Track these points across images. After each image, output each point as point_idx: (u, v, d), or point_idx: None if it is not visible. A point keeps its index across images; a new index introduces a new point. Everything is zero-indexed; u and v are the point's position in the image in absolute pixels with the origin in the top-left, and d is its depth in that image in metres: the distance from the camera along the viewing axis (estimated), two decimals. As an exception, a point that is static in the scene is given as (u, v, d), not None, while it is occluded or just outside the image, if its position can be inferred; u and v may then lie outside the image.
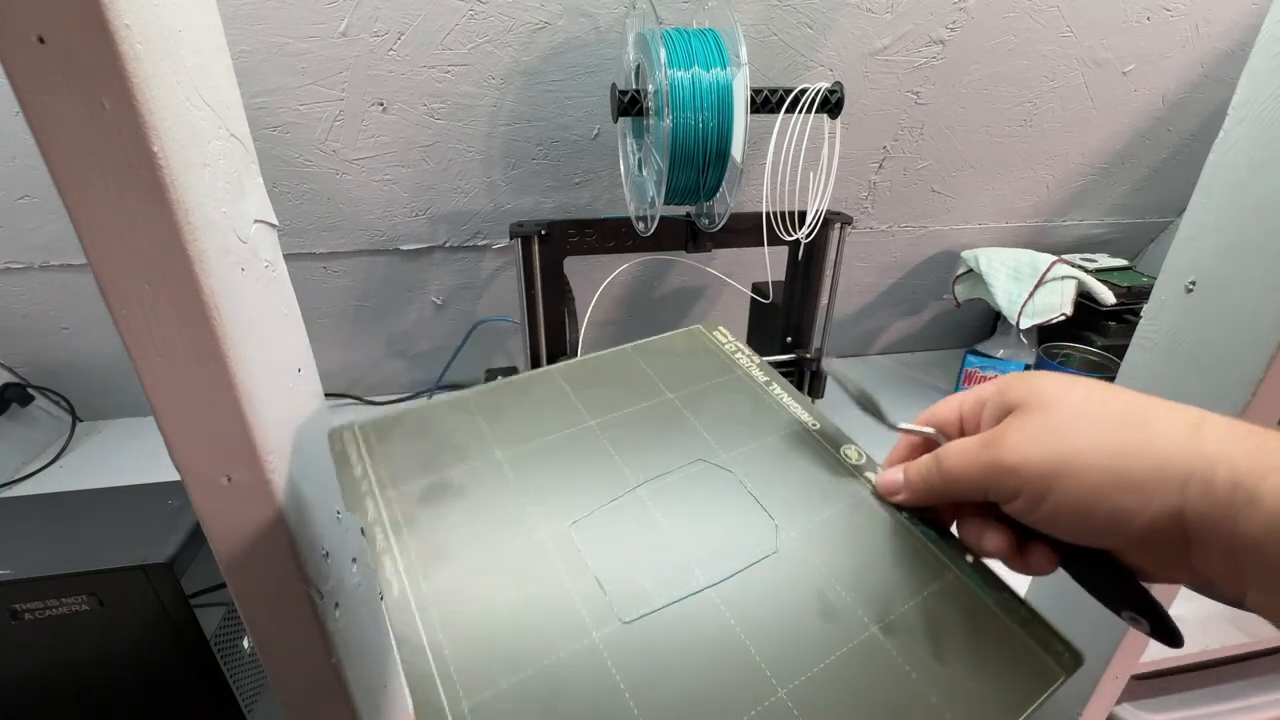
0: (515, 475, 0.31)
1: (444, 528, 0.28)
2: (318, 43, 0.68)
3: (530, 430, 0.34)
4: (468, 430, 0.33)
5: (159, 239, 0.24)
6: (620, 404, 0.36)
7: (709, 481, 0.32)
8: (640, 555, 0.28)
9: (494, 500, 0.30)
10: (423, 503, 0.29)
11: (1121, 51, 0.85)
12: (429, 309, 0.97)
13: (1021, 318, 0.94)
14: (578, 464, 0.32)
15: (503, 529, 0.29)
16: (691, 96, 0.60)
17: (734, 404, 0.36)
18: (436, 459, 0.31)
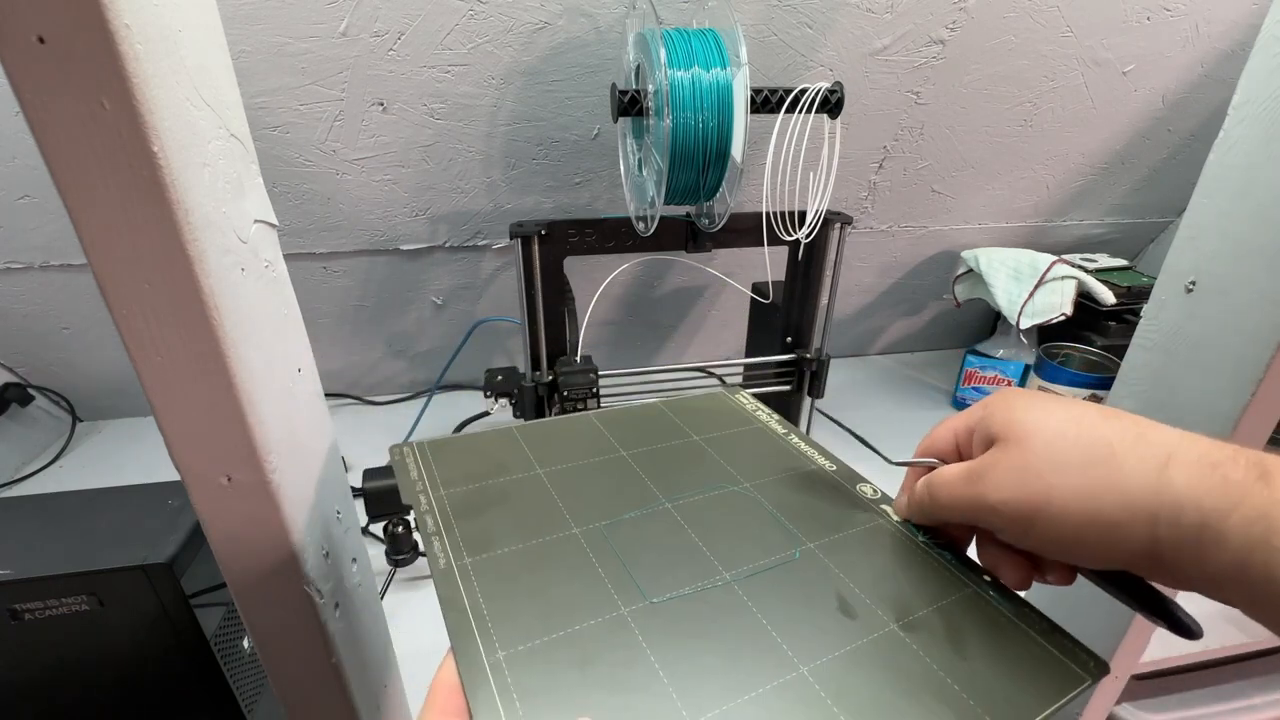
0: (554, 487, 0.35)
1: (488, 521, 0.32)
2: (318, 43, 0.68)
3: (568, 455, 0.38)
4: (512, 452, 0.37)
5: (159, 239, 0.24)
6: (650, 441, 0.40)
7: (732, 503, 0.35)
8: (667, 554, 0.31)
9: (534, 504, 0.33)
10: (470, 500, 0.33)
11: (1121, 51, 0.85)
12: (429, 309, 0.97)
13: (1021, 318, 0.94)
14: (611, 483, 0.36)
15: (541, 525, 0.32)
16: (691, 96, 0.60)
17: (755, 447, 0.40)
18: (483, 471, 0.35)
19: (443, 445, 0.37)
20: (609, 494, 0.34)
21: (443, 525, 0.31)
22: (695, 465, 0.38)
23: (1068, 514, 0.24)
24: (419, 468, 0.35)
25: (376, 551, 0.68)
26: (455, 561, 0.29)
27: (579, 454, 0.38)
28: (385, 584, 0.69)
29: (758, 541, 0.32)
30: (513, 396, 0.76)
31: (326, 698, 0.37)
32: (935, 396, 1.10)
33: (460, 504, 0.33)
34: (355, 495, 0.47)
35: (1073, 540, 0.25)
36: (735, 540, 0.32)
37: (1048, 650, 0.27)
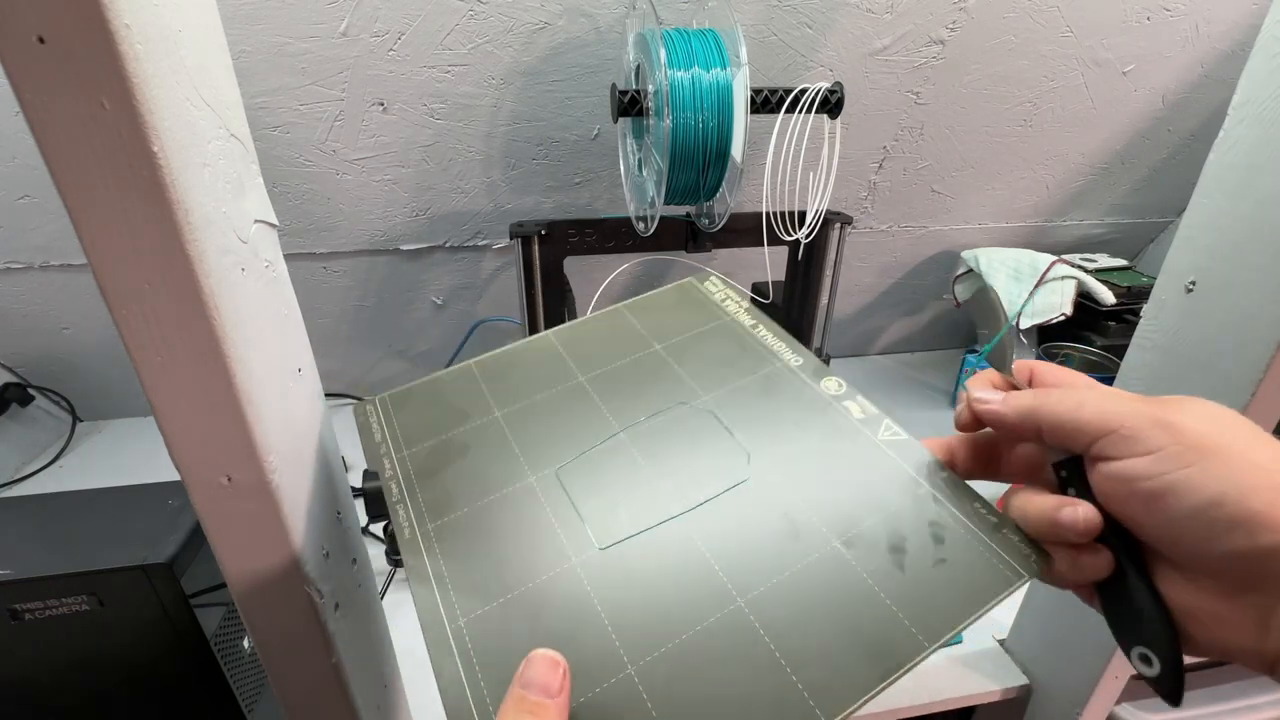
0: (511, 431, 0.34)
1: (448, 479, 0.32)
2: (318, 43, 0.68)
3: (526, 389, 0.37)
4: (471, 394, 0.37)
5: (159, 239, 0.24)
6: (609, 360, 0.38)
7: (687, 422, 0.34)
8: (618, 491, 0.31)
9: (491, 454, 0.33)
10: (430, 459, 0.33)
11: (1121, 51, 0.85)
12: (429, 309, 0.97)
13: (1021, 318, 0.94)
14: (566, 417, 0.35)
15: (498, 478, 0.32)
16: (691, 96, 0.60)
17: (719, 349, 0.38)
18: (443, 422, 0.35)
19: (404, 398, 0.37)
20: (565, 430, 0.34)
21: (405, 491, 0.31)
22: (654, 381, 0.36)
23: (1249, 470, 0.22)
24: (382, 428, 0.35)
25: (376, 551, 0.68)
26: (419, 528, 0.29)
27: (536, 386, 0.37)
28: (385, 584, 0.69)
29: (710, 466, 0.31)
30: (513, 396, 0.76)
31: (326, 698, 0.37)
32: (935, 396, 1.10)
33: (421, 465, 0.33)
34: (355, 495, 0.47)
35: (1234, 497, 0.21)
36: (689, 466, 0.31)
37: (989, 549, 0.27)
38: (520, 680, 0.23)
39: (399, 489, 0.31)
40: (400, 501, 0.31)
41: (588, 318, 0.42)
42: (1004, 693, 0.57)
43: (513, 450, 0.33)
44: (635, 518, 0.29)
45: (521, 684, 0.23)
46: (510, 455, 0.33)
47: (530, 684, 0.23)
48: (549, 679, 0.23)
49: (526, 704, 0.22)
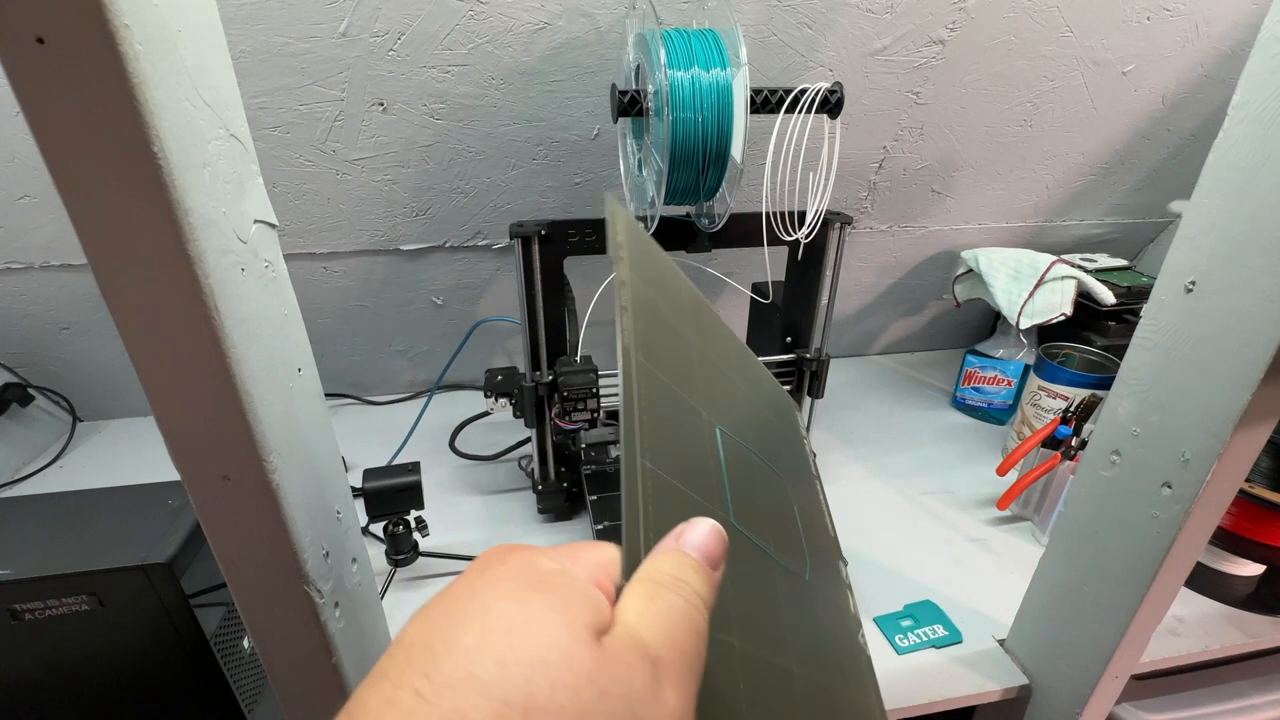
0: (700, 361, 0.34)
1: (658, 340, 0.31)
2: (318, 43, 0.68)
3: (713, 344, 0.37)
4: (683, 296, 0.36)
5: (159, 239, 0.24)
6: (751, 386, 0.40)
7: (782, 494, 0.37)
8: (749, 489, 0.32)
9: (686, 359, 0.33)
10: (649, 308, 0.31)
11: (1121, 51, 0.85)
12: (429, 309, 0.97)
13: (1021, 318, 0.94)
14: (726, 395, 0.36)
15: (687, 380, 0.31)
16: (691, 97, 0.60)
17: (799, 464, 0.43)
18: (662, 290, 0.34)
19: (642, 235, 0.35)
20: (724, 403, 0.35)
21: (632, 308, 0.29)
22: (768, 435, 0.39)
23: None
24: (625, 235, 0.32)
25: (376, 551, 0.68)
26: (634, 350, 0.28)
27: (717, 349, 0.37)
28: (385, 584, 0.69)
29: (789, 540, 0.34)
30: (513, 396, 0.76)
31: (326, 698, 0.37)
32: (935, 396, 1.10)
33: (643, 303, 0.31)
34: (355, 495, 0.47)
35: None
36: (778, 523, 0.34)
37: None
38: (682, 538, 0.21)
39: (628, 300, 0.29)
40: (628, 310, 0.28)
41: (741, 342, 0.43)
42: (1004, 693, 0.57)
43: (698, 376, 0.33)
44: (751, 524, 0.30)
45: (682, 541, 0.21)
46: (696, 378, 0.32)
47: (692, 545, 0.21)
48: (713, 548, 0.21)
49: (689, 560, 0.20)
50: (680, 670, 0.18)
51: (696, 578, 0.20)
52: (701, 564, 0.20)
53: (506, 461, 0.90)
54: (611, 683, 0.16)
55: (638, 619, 0.18)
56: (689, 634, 0.19)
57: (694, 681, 0.18)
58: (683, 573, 0.20)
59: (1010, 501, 0.77)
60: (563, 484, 0.79)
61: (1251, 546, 0.63)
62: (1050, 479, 0.74)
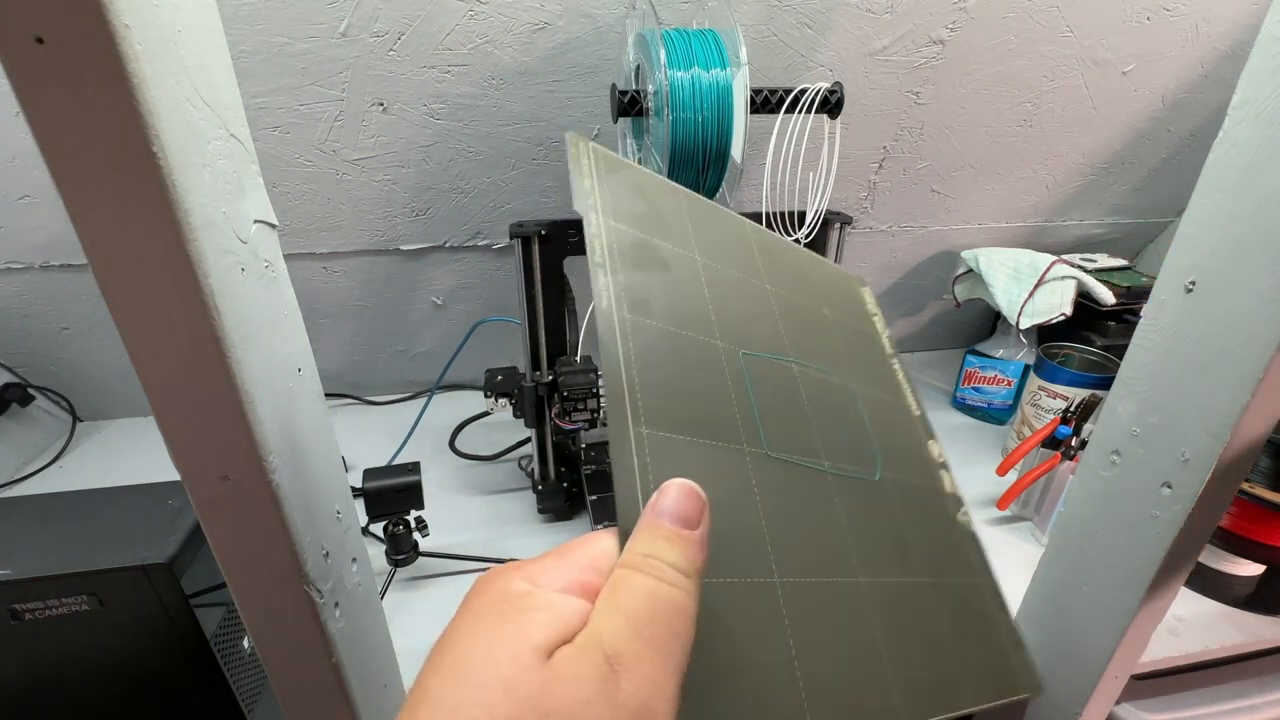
0: (707, 283, 0.33)
1: (647, 284, 0.29)
2: (318, 43, 0.68)
3: (722, 256, 0.35)
4: (677, 217, 0.34)
5: (159, 239, 0.24)
6: (790, 286, 0.38)
7: (836, 393, 0.35)
8: (785, 412, 0.31)
9: (688, 290, 0.31)
10: (633, 251, 0.30)
11: (1121, 51, 0.85)
12: (429, 309, 0.97)
13: (1021, 318, 0.94)
14: (755, 312, 0.34)
15: (691, 320, 0.30)
16: (691, 97, 0.60)
17: (863, 350, 0.40)
18: (649, 223, 0.32)
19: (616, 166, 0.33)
20: (749, 321, 0.33)
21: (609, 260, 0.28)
22: (822, 339, 0.37)
23: None
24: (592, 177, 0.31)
25: (376, 551, 0.68)
26: (616, 310, 0.27)
27: (731, 259, 0.35)
28: (385, 584, 0.69)
29: (851, 444, 0.33)
30: (513, 396, 0.76)
31: (326, 698, 0.37)
32: (935, 396, 1.10)
33: (625, 248, 0.30)
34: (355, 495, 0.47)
35: None
36: (834, 431, 0.33)
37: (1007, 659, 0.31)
38: (654, 508, 0.21)
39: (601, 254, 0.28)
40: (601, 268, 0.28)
41: (773, 235, 0.40)
42: (1004, 693, 0.57)
43: (707, 304, 0.31)
44: (798, 448, 0.30)
45: (655, 512, 0.20)
46: (704, 307, 0.31)
47: (665, 513, 0.20)
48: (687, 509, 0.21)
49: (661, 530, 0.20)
50: (646, 657, 0.18)
51: (670, 549, 0.20)
52: (676, 531, 0.20)
53: (506, 461, 0.90)
54: (555, 701, 0.17)
55: (599, 616, 0.19)
56: (660, 615, 0.19)
57: (669, 660, 0.18)
58: (654, 548, 0.20)
59: (1010, 501, 0.77)
60: (563, 484, 0.79)
61: (1251, 546, 0.63)
62: (1050, 479, 0.74)
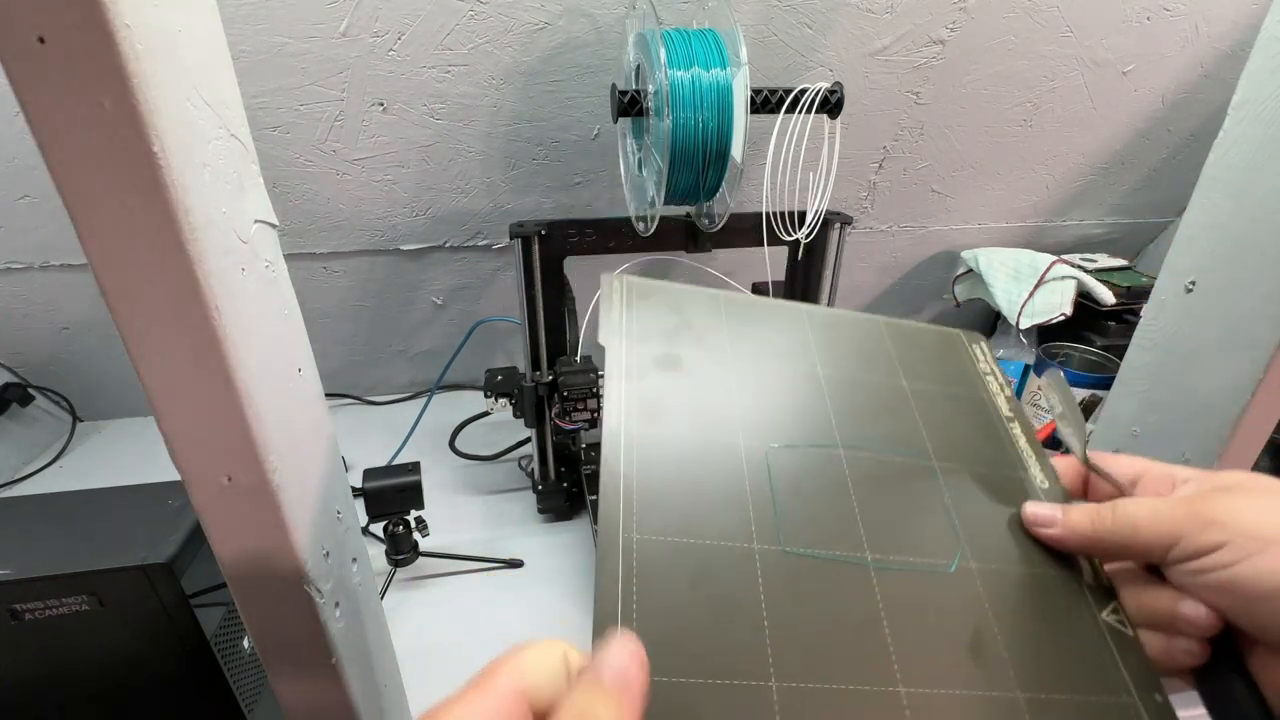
0: (737, 381, 0.32)
1: (664, 393, 0.30)
2: (318, 43, 0.68)
3: (763, 350, 0.35)
4: (712, 323, 0.35)
5: (159, 239, 0.24)
6: (851, 367, 0.35)
7: (908, 476, 0.31)
8: (818, 503, 0.29)
9: (712, 393, 0.31)
10: (655, 365, 0.31)
11: (1121, 51, 0.85)
12: (429, 309, 0.97)
13: (1021, 318, 0.94)
14: (791, 398, 0.33)
15: (710, 420, 0.30)
16: (691, 96, 0.60)
17: (965, 422, 0.35)
18: (678, 335, 0.33)
19: (649, 291, 0.35)
20: (787, 411, 0.32)
21: (624, 382, 0.30)
22: (889, 415, 0.34)
23: None
24: (622, 307, 0.33)
25: (376, 551, 0.68)
26: (624, 425, 0.28)
27: (774, 352, 0.35)
28: (385, 584, 0.69)
29: (918, 533, 0.29)
30: (513, 396, 0.76)
31: (326, 698, 0.37)
32: (935, 396, 1.10)
33: (647, 365, 0.31)
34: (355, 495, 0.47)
35: None
36: (894, 520, 0.29)
37: None
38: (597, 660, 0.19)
39: (618, 377, 0.30)
40: (616, 389, 0.29)
41: (843, 311, 0.39)
42: (1004, 693, 0.57)
43: (732, 401, 0.31)
44: (828, 540, 0.27)
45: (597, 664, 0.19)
46: (728, 405, 0.31)
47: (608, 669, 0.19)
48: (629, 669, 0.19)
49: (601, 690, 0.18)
50: None
51: (607, 711, 0.18)
52: (615, 693, 0.19)
53: (506, 461, 0.90)
54: None
55: None
56: None
57: None
58: (592, 708, 0.18)
59: (1010, 501, 0.77)
60: (563, 484, 0.79)
61: (1251, 546, 0.63)
62: (1050, 479, 0.74)
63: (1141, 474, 0.30)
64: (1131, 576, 0.28)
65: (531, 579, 0.72)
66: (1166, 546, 0.25)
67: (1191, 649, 0.26)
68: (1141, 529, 0.26)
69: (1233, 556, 0.24)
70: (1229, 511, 0.24)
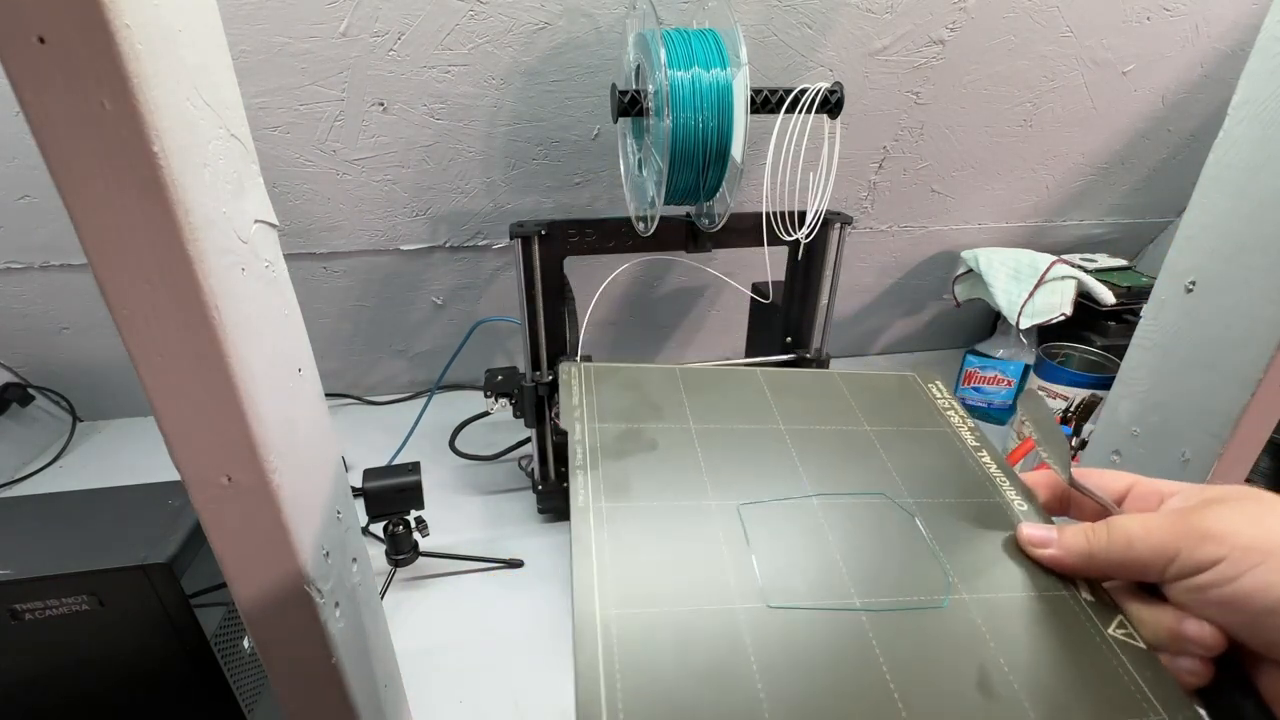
0: (701, 447, 0.33)
1: (630, 467, 0.31)
2: (318, 43, 0.68)
3: (724, 414, 0.36)
4: (670, 396, 0.36)
5: (159, 239, 0.24)
6: (813, 420, 0.36)
7: (886, 517, 0.31)
8: (799, 556, 0.28)
9: (678, 460, 0.32)
10: (619, 441, 0.32)
11: (1121, 51, 0.85)
12: (429, 309, 0.97)
13: (1021, 318, 0.94)
14: (759, 458, 0.33)
15: (679, 486, 0.31)
16: (691, 96, 0.60)
17: (933, 457, 0.35)
18: (639, 411, 0.35)
19: (608, 373, 0.37)
20: (755, 470, 0.32)
21: (589, 461, 0.31)
22: (857, 461, 0.34)
23: None
24: (581, 392, 0.35)
25: (376, 551, 0.68)
26: (592, 502, 0.29)
27: (734, 415, 0.35)
28: (385, 584, 0.69)
29: (904, 572, 0.28)
30: (513, 396, 0.76)
31: (326, 698, 0.37)
32: (935, 396, 1.10)
33: (610, 443, 0.32)
34: (355, 495, 0.47)
35: None
36: (878, 563, 0.28)
37: None
38: None
39: (583, 456, 0.31)
40: (582, 468, 0.30)
41: (798, 370, 0.41)
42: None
43: (699, 465, 0.32)
44: (812, 590, 0.27)
45: None
46: (695, 469, 0.32)
47: None
48: None
49: None
50: None
51: None
52: None
53: (506, 461, 0.90)
54: None
55: None
56: None
57: None
58: None
59: (1010, 501, 0.77)
60: (563, 484, 0.79)
61: (1251, 546, 0.63)
62: (1050, 479, 0.74)
63: (1128, 489, 0.29)
64: (1131, 596, 0.28)
65: (531, 579, 0.72)
66: (1164, 562, 0.25)
67: (1196, 669, 0.25)
68: (1136, 544, 0.26)
69: (1233, 571, 0.23)
70: (1223, 523, 0.24)
